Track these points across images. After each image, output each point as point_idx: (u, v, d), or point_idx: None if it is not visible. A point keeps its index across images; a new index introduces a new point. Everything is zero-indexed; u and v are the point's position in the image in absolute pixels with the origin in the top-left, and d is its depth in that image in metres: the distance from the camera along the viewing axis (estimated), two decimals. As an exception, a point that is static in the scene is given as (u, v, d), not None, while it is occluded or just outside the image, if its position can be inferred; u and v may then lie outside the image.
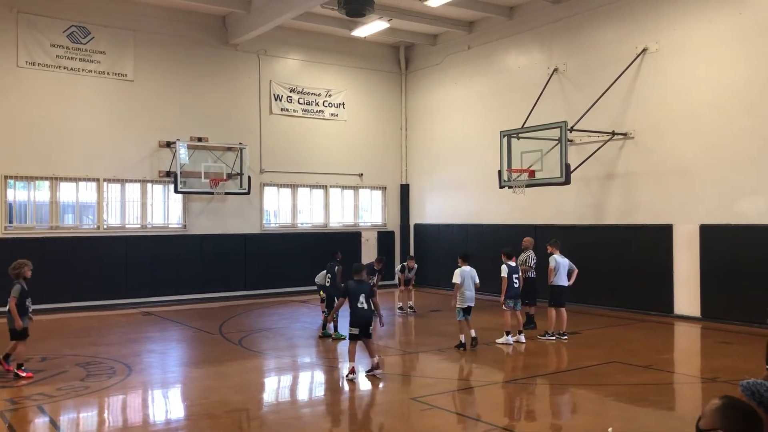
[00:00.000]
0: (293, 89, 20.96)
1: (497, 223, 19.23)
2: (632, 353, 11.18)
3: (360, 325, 9.45)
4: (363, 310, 9.45)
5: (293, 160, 20.89)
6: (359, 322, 9.45)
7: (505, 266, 11.95)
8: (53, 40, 17.16)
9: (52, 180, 17.29)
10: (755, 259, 13.54)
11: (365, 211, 22.96)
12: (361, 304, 9.45)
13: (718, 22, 14.39)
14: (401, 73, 23.13)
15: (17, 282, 9.64)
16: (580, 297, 16.45)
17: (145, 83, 18.46)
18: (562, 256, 12.65)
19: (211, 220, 19.52)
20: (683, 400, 8.90)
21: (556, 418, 8.20)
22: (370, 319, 9.55)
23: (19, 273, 9.69)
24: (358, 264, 10.18)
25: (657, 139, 15.39)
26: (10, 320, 9.57)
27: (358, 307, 9.45)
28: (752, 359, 9.52)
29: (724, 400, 3.13)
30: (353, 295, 9.50)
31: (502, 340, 11.94)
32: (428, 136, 22.37)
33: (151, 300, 18.13)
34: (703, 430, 3.10)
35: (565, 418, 8.02)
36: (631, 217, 15.94)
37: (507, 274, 11.89)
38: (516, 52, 19.22)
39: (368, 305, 9.51)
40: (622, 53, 15.95)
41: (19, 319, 9.51)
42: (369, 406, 8.65)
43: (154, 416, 8.20)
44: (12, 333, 9.60)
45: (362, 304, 9.45)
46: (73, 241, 17.11)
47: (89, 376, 9.77)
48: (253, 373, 10.34)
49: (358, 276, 9.78)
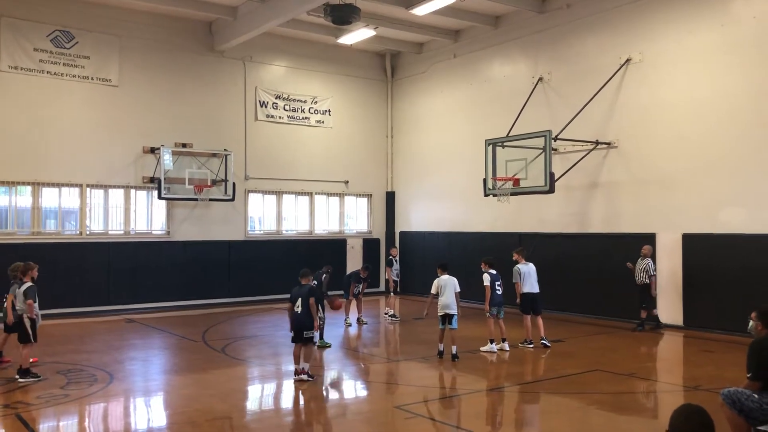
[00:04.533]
0: (279, 96, 20.93)
1: (482, 231, 19.29)
2: (615, 362, 11.23)
3: (293, 329, 9.72)
4: (296, 314, 9.69)
5: (278, 167, 20.84)
6: (292, 325, 9.74)
7: (487, 275, 12.04)
8: (37, 45, 17.02)
9: (34, 185, 17.12)
10: (737, 268, 13.66)
11: (351, 219, 22.94)
12: (297, 307, 9.68)
13: (701, 33, 14.56)
14: (387, 80, 23.18)
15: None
16: (563, 305, 16.57)
17: (130, 89, 18.35)
18: (526, 263, 12.74)
19: (196, 227, 19.41)
20: (665, 409, 8.93)
21: (539, 426, 8.21)
22: (303, 323, 9.64)
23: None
24: (304, 269, 10.32)
25: (640, 149, 15.52)
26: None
27: (294, 310, 9.72)
28: (734, 367, 9.60)
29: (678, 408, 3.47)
30: (293, 299, 9.78)
31: (486, 348, 11.97)
32: (414, 143, 22.41)
33: (134, 307, 17.98)
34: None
35: (548, 426, 8.03)
36: (614, 226, 16.05)
37: (489, 282, 11.98)
38: (501, 62, 19.33)
39: (303, 309, 9.64)
40: (605, 63, 16.09)
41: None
42: (352, 414, 8.62)
43: (135, 424, 8.11)
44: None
45: (298, 307, 9.68)
46: (55, 247, 16.92)
47: (70, 383, 9.66)
48: (236, 381, 10.27)
49: (303, 280, 9.98)
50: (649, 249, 14.53)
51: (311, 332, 9.73)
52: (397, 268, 16.77)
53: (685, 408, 3.44)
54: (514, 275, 12.65)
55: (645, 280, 14.27)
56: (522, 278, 12.57)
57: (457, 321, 11.33)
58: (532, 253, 14.35)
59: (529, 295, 12.59)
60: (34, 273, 10.26)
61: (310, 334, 9.73)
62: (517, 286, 12.63)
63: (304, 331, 9.65)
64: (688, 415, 3.35)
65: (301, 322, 9.64)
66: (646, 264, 14.30)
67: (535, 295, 12.65)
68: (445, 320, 11.34)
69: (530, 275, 12.64)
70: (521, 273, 12.59)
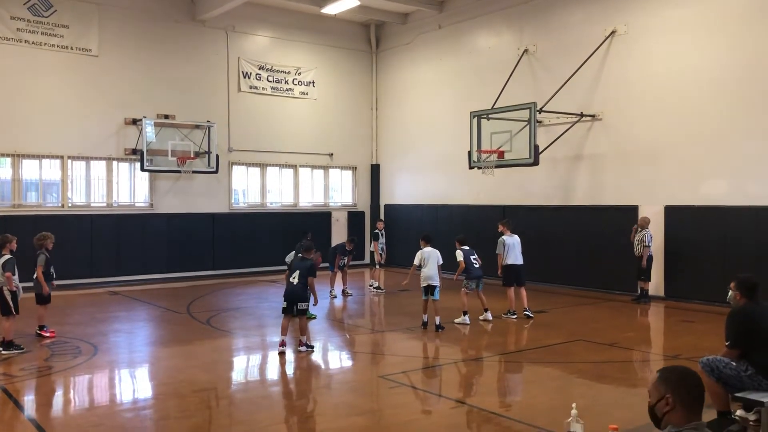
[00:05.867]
0: (262, 66, 20.70)
1: (466, 204, 19.35)
2: (597, 332, 11.38)
3: (287, 299, 9.70)
4: (291, 285, 9.68)
5: (262, 139, 20.69)
6: (286, 296, 9.73)
7: (460, 251, 12.17)
8: (13, 13, 16.66)
9: (14, 157, 16.89)
10: (717, 240, 13.85)
11: (335, 191, 22.90)
12: (292, 278, 9.69)
13: (686, 5, 14.54)
14: (372, 51, 22.99)
15: (41, 252, 10.61)
16: (546, 276, 16.72)
17: (110, 59, 18.06)
18: (512, 235, 12.82)
19: (179, 199, 19.29)
20: (646, 378, 9.09)
21: (521, 394, 8.33)
22: (298, 294, 9.65)
23: (43, 244, 10.71)
24: (308, 242, 10.35)
25: (624, 121, 15.57)
26: (38, 286, 10.55)
27: (289, 281, 9.73)
28: (713, 337, 9.77)
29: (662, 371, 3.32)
30: (290, 271, 9.81)
31: (459, 320, 12.04)
32: (399, 116, 22.32)
33: (118, 279, 17.92)
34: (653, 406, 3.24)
35: (530, 394, 8.15)
36: (598, 198, 16.15)
37: (463, 257, 12.11)
38: (486, 33, 19.21)
39: (299, 282, 9.65)
40: (591, 35, 16.05)
41: (46, 285, 10.52)
42: (337, 384, 8.69)
43: (120, 396, 8.12)
44: (38, 298, 10.61)
45: (294, 278, 9.67)
46: (36, 219, 16.72)
47: (54, 355, 9.65)
48: (221, 353, 10.30)
49: (306, 254, 10.03)
50: (645, 219, 14.49)
51: (305, 304, 9.77)
52: (382, 242, 16.79)
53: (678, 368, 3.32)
54: (498, 246, 12.74)
55: (640, 252, 14.34)
56: (506, 250, 12.65)
57: (439, 292, 11.45)
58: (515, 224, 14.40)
59: (514, 266, 12.69)
60: (13, 245, 10.14)
61: (304, 306, 9.76)
62: (499, 258, 12.72)
63: (298, 303, 9.66)
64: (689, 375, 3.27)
65: (296, 294, 9.65)
66: (641, 235, 14.35)
67: (519, 267, 12.75)
68: (428, 291, 11.44)
69: (515, 247, 12.73)
70: (506, 244, 12.67)
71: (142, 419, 7.07)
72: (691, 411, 3.14)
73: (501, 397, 8.17)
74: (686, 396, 3.13)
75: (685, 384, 3.17)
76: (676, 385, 3.16)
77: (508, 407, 7.61)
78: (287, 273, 9.94)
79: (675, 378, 3.20)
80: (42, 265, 10.52)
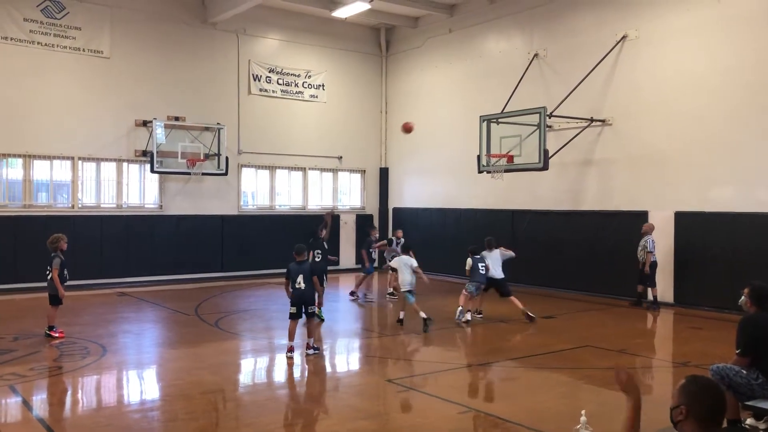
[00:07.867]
0: (272, 69, 20.76)
1: (475, 208, 19.32)
2: (605, 338, 11.33)
3: (297, 304, 9.72)
4: (300, 290, 9.70)
5: (272, 142, 20.74)
6: (296, 301, 9.73)
7: (470, 259, 12.64)
8: (26, 15, 16.78)
9: (26, 158, 17.00)
10: (727, 246, 13.75)
11: (344, 194, 22.91)
12: (298, 284, 9.71)
13: (698, 10, 14.47)
14: (382, 55, 23.01)
15: (56, 254, 10.64)
16: (554, 281, 16.67)
17: (122, 61, 18.16)
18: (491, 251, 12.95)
19: (188, 201, 19.35)
20: (655, 384, 9.05)
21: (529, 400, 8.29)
22: (309, 298, 9.77)
23: (57, 246, 10.72)
24: (300, 245, 10.32)
25: (634, 126, 15.51)
26: (52, 288, 10.60)
27: (296, 287, 9.72)
28: (723, 344, 9.69)
29: (687, 378, 3.30)
30: (293, 276, 9.78)
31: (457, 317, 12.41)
32: (408, 119, 22.20)
33: (127, 280, 17.98)
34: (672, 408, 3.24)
35: (537, 400, 8.11)
36: (607, 204, 16.09)
37: (472, 263, 12.58)
38: (497, 37, 19.20)
39: (306, 285, 9.72)
40: (602, 40, 16.00)
41: (62, 288, 10.59)
42: (344, 387, 8.68)
43: (128, 397, 8.15)
44: (52, 299, 10.66)
45: (299, 284, 9.70)
46: (46, 219, 16.82)
47: (63, 356, 9.69)
48: (229, 355, 10.32)
49: (299, 257, 10.00)
50: (649, 226, 14.46)
51: (314, 307, 9.99)
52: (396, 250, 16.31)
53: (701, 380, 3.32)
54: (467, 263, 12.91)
55: (643, 257, 14.28)
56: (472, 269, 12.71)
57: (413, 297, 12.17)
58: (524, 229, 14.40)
59: (492, 280, 12.84)
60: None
61: (313, 309, 9.95)
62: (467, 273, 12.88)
63: (309, 306, 9.78)
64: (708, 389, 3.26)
65: (306, 298, 9.74)
66: (645, 241, 14.29)
67: (498, 280, 12.88)
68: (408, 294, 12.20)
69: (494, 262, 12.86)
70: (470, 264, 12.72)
71: (150, 420, 7.09)
72: (704, 425, 3.13)
73: (508, 403, 8.14)
74: (699, 410, 3.13)
75: (699, 398, 3.16)
76: (692, 398, 3.16)
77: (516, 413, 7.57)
78: (287, 281, 9.88)
79: (693, 390, 3.20)
80: (57, 268, 10.60)
